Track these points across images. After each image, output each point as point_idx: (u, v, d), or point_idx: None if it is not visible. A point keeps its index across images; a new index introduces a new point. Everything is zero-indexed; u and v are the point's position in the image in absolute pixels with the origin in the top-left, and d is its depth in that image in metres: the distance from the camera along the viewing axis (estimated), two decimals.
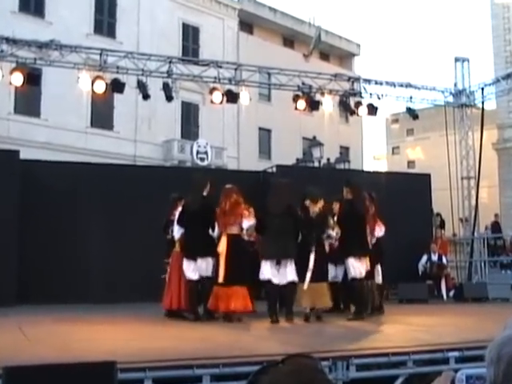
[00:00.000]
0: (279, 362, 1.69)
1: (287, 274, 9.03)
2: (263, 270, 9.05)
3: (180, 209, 9.74)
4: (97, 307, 11.22)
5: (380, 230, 10.38)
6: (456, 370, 2.26)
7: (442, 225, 19.07)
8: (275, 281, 9.03)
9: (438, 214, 18.94)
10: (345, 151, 37.09)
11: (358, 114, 16.89)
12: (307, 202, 9.38)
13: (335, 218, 9.88)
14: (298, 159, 26.80)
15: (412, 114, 17.31)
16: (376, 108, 16.50)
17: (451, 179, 16.87)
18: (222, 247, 9.17)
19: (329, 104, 16.33)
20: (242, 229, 9.38)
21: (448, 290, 15.38)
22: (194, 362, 5.20)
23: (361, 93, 16.78)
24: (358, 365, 5.64)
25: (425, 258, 15.48)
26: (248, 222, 9.31)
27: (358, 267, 9.56)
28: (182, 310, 9.70)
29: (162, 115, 28.00)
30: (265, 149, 34.66)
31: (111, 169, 14.99)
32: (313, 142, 26.02)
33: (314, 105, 15.95)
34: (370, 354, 5.92)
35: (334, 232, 9.46)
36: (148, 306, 10.58)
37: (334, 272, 10.30)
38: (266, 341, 7.22)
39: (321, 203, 9.42)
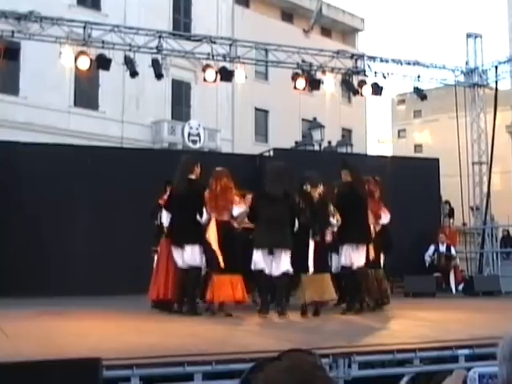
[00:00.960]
0: (275, 357, 1.69)
1: (281, 264, 8.99)
2: (255, 260, 9.03)
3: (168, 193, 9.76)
4: (80, 300, 11.21)
5: (385, 217, 10.37)
6: (467, 369, 2.27)
7: (451, 213, 19.10)
8: (268, 271, 9.01)
9: (447, 202, 18.98)
10: (347, 134, 37.03)
11: (361, 94, 16.86)
12: (307, 187, 9.33)
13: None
14: (296, 142, 26.76)
15: (420, 94, 17.28)
16: (381, 87, 16.48)
17: (461, 164, 16.86)
18: (213, 233, 9.15)
19: (330, 83, 16.30)
20: (232, 216, 9.37)
21: (457, 283, 15.43)
22: (185, 359, 5.20)
23: (365, 71, 16.74)
24: (361, 362, 5.64)
25: (432, 248, 15.52)
26: (239, 208, 9.27)
27: (351, 256, 9.51)
28: (169, 301, 9.74)
29: (150, 94, 27.87)
30: (261, 131, 34.57)
31: (96, 151, 14.96)
32: (313, 124, 25.97)
33: (314, 84, 15.92)
34: (374, 351, 5.94)
35: (335, 219, 9.40)
36: (135, 299, 10.58)
37: (336, 262, 10.27)
38: (261, 336, 7.23)
39: (320, 188, 9.38)
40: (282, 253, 8.99)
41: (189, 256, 9.23)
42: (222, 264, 9.01)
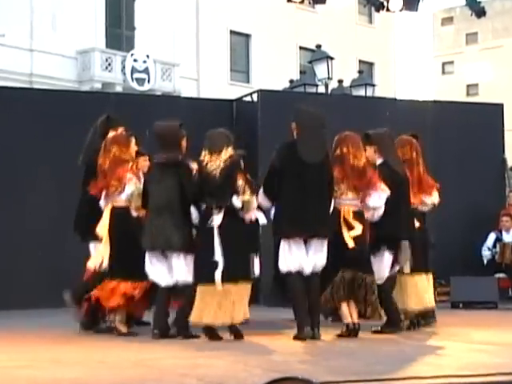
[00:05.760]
0: None
1: (174, 271, 9.16)
2: (146, 265, 9.23)
3: None
4: None
5: (377, 197, 9.59)
6: None
7: None
8: (163, 282, 9.17)
9: None
10: (367, 69, 37.12)
11: (388, 9, 16.83)
12: (203, 155, 9.11)
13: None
14: (292, 81, 26.77)
15: (475, 8, 17.28)
16: None
17: None
18: (103, 224, 9.47)
19: None
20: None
21: None
22: None
23: None
24: None
25: (492, 237, 15.58)
26: (129, 188, 9.41)
27: (290, 256, 9.24)
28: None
29: (73, 10, 27.76)
30: (240, 65, 34.61)
31: None
32: (316, 55, 26.00)
33: None
34: None
35: (239, 199, 9.04)
36: (57, 314, 10.62)
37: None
38: (240, 365, 7.22)
39: (226, 154, 9.03)
40: (173, 256, 9.17)
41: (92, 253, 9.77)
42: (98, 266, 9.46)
